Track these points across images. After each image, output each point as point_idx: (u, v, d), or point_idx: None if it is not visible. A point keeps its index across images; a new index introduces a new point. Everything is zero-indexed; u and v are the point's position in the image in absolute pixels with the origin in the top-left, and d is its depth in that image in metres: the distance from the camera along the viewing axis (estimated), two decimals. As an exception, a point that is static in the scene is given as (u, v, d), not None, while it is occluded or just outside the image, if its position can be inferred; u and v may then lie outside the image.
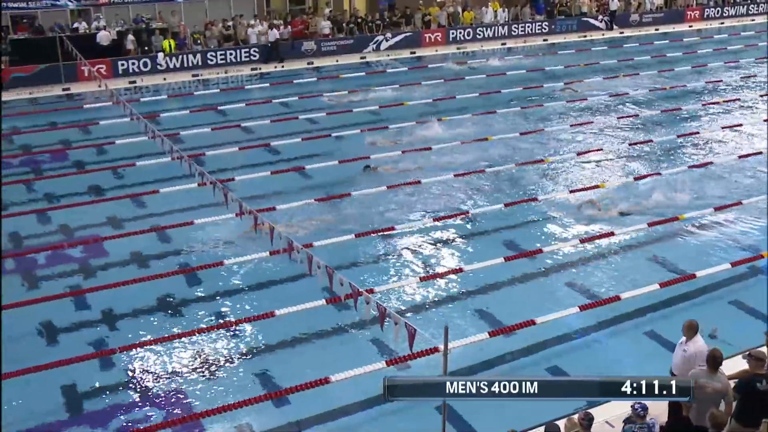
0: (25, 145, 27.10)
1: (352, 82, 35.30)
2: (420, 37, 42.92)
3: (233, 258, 17.89)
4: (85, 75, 34.17)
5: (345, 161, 24.14)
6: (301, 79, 36.10)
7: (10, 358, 13.90)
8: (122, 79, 35.21)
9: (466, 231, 19.58)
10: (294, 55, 39.41)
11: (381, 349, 14.50)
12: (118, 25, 37.72)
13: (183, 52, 37.49)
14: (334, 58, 39.93)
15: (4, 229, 19.71)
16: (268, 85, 35.45)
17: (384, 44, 41.87)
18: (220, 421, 12.64)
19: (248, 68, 37.99)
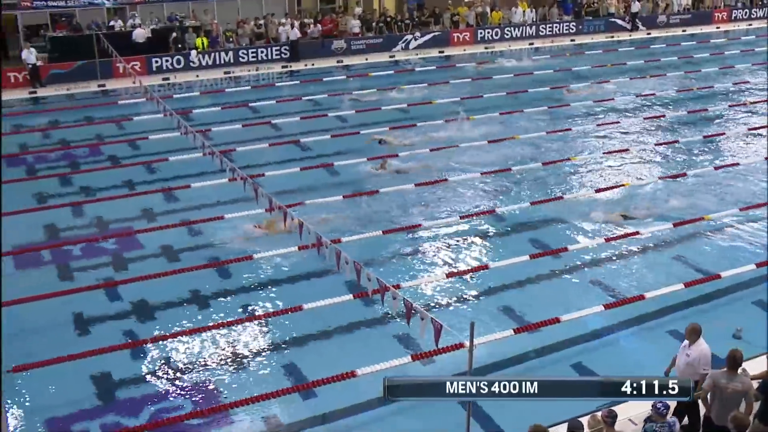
0: (62, 139, 27.32)
1: (380, 80, 35.24)
2: (448, 37, 42.77)
3: (262, 252, 17.87)
4: (120, 72, 34.38)
5: (373, 158, 24.08)
6: (330, 77, 36.09)
7: (44, 346, 14.17)
8: (156, 76, 35.36)
9: (492, 229, 19.47)
10: (324, 53, 39.42)
11: (406, 344, 14.44)
12: (152, 23, 37.93)
13: (215, 50, 37.64)
14: (364, 57, 39.90)
15: (42, 220, 19.99)
16: (298, 83, 35.48)
17: (413, 43, 41.77)
18: (248, 412, 12.65)
19: (279, 66, 38.04)
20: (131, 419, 12.63)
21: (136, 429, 12.32)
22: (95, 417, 12.72)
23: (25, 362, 13.56)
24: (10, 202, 20.55)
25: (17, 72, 33.77)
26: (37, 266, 17.80)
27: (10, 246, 18.21)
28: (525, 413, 9.94)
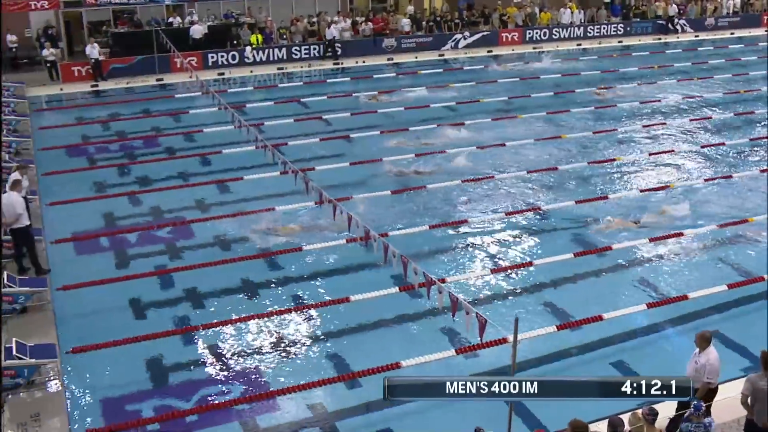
0: (121, 131, 27.65)
1: (429, 78, 35.12)
2: (497, 37, 42.47)
3: (312, 244, 17.93)
4: (178, 66, 34.66)
5: (421, 155, 24.01)
6: (380, 74, 36.06)
7: (101, 330, 14.37)
8: (212, 71, 35.64)
9: (537, 226, 19.30)
10: (374, 51, 39.40)
11: (451, 337, 14.39)
12: (209, 19, 38.24)
13: (269, 46, 37.81)
14: (413, 55, 39.77)
15: (102, 209, 20.23)
16: (349, 80, 35.51)
17: (462, 42, 41.57)
18: (295, 399, 12.71)
19: (330, 62, 38.09)
20: (181, 402, 12.77)
21: (185, 412, 12.46)
22: (148, 399, 12.85)
23: (84, 344, 13.79)
24: (72, 191, 21.07)
25: (81, 66, 34.26)
26: (96, 252, 18.03)
27: (70, 233, 18.53)
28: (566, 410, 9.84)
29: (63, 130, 27.44)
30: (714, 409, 10.84)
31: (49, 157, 23.89)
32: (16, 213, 15.90)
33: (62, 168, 23.02)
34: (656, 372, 11.30)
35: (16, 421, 11.68)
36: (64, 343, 13.86)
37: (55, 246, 17.79)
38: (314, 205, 19.21)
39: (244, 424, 12.25)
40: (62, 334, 14.18)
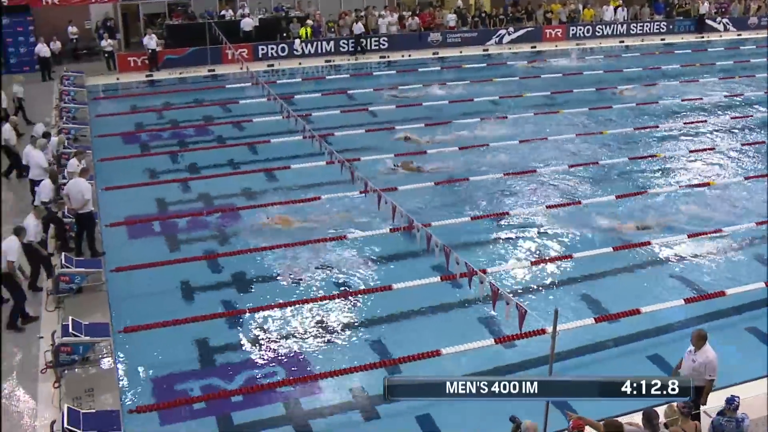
0: (173, 120, 27.91)
1: (474, 72, 34.90)
2: (541, 33, 42.08)
3: (356, 232, 17.97)
4: (229, 58, 34.82)
5: (465, 147, 23.89)
6: (425, 68, 35.91)
7: (152, 311, 14.51)
8: (262, 63, 35.77)
9: (577, 220, 19.04)
10: (420, 45, 39.27)
11: (490, 327, 14.32)
12: (260, 12, 38.40)
13: (318, 39, 37.86)
14: (458, 50, 39.56)
15: (154, 194, 20.43)
16: (395, 73, 35.42)
17: (506, 38, 41.27)
18: (336, 383, 12.74)
19: (377, 56, 38.03)
20: (227, 383, 12.86)
21: (231, 392, 12.56)
22: (194, 378, 12.97)
23: (135, 324, 13.97)
24: (126, 176, 21.30)
25: (136, 57, 34.63)
26: (148, 236, 18.23)
27: (123, 217, 18.74)
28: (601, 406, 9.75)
29: (119, 118, 27.78)
30: (746, 406, 10.59)
31: (106, 143, 24.17)
32: (84, 199, 16.13)
33: (117, 154, 23.29)
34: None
35: (71, 395, 11.85)
36: (117, 322, 14.05)
37: (110, 229, 18.02)
38: (359, 194, 19.21)
39: (287, 405, 12.32)
40: (115, 314, 14.37)
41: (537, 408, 9.56)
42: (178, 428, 11.81)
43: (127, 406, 11.89)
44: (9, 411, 11.78)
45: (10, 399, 12.07)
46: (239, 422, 11.93)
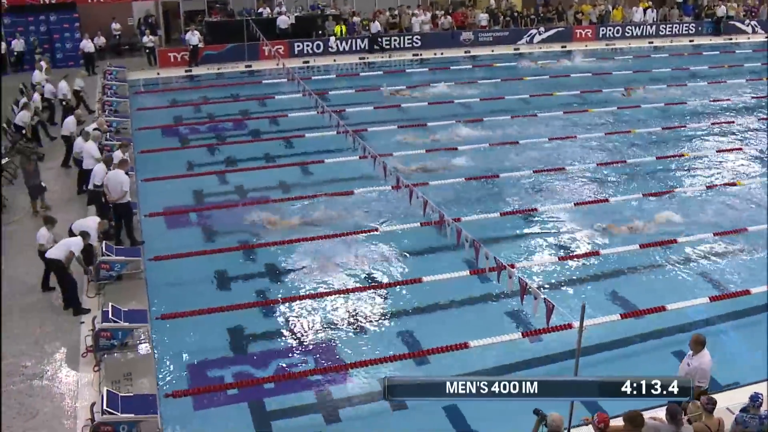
0: (211, 113, 28.08)
1: (505, 71, 34.72)
2: (571, 33, 41.78)
3: (387, 226, 17.98)
4: (266, 54, 34.99)
5: (495, 144, 23.81)
6: (457, 66, 35.78)
7: (188, 299, 14.62)
8: (297, 59, 35.86)
9: (605, 217, 18.88)
10: (453, 43, 39.15)
11: (517, 321, 14.28)
12: (296, 10, 38.50)
13: (352, 37, 37.89)
14: (490, 48, 39.39)
15: (192, 186, 20.57)
16: (427, 70, 35.35)
17: (537, 37, 41.02)
18: (366, 373, 12.74)
19: (410, 54, 37.97)
20: (259, 370, 12.93)
21: (263, 380, 12.62)
22: (229, 365, 13.06)
23: (172, 311, 14.08)
24: (165, 168, 21.48)
25: (176, 52, 34.95)
26: (186, 226, 18.37)
27: (162, 207, 18.89)
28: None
29: (158, 111, 28.01)
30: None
31: (146, 136, 24.37)
32: (123, 190, 16.27)
33: (157, 147, 23.49)
34: (715, 363, 11.12)
35: (110, 378, 11.98)
36: (155, 309, 14.17)
37: (149, 219, 18.16)
38: (391, 189, 19.21)
39: (317, 394, 12.34)
40: (153, 302, 14.49)
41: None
42: (211, 413, 11.89)
43: (163, 390, 11.99)
44: (52, 392, 11.94)
45: (53, 381, 12.22)
46: (271, 408, 11.98)
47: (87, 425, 10.70)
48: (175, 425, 11.38)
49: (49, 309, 14.26)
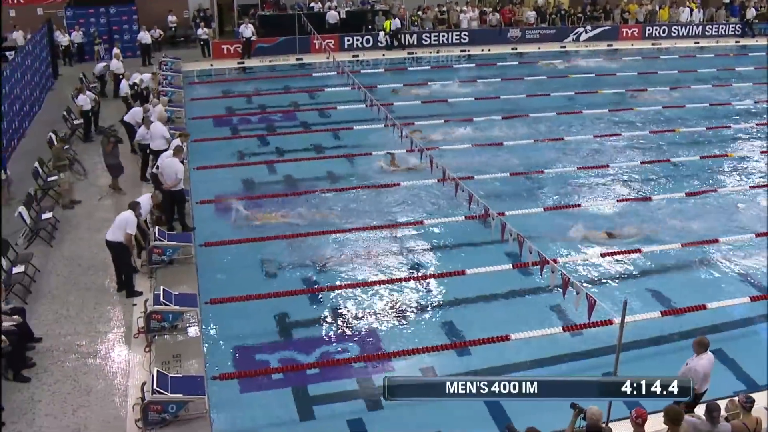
0: (262, 105, 28.24)
1: (550, 69, 34.34)
2: (617, 32, 41.13)
3: (433, 218, 17.93)
4: (316, 48, 35.05)
5: (540, 141, 23.59)
6: (504, 63, 35.47)
7: (236, 285, 14.74)
8: (347, 53, 35.84)
9: (647, 214, 18.62)
10: (500, 40, 38.82)
11: (559, 315, 14.14)
12: (347, 5, 38.50)
13: (401, 32, 37.74)
14: (536, 46, 38.95)
15: (241, 175, 20.73)
16: (474, 66, 35.11)
17: (583, 36, 40.45)
18: (407, 361, 12.73)
19: (458, 50, 37.72)
20: (304, 356, 12.99)
21: (307, 365, 12.69)
22: (274, 351, 13.14)
23: (221, 296, 14.20)
24: (216, 157, 21.63)
25: (229, 45, 35.20)
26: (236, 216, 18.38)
27: (213, 194, 19.04)
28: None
29: (211, 102, 28.22)
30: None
31: (198, 125, 24.54)
32: (177, 178, 16.42)
33: (209, 136, 23.67)
34: (749, 363, 10.91)
35: (160, 359, 12.12)
36: (204, 294, 14.29)
37: (200, 206, 18.32)
38: (437, 182, 19.14)
39: (359, 381, 12.35)
40: (202, 286, 14.61)
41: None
42: (256, 396, 11.99)
43: (210, 372, 12.08)
44: (104, 370, 12.13)
45: (106, 360, 12.41)
46: (314, 394, 12.03)
47: (137, 403, 10.84)
48: (221, 407, 11.49)
49: (104, 290, 14.48)
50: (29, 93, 24.82)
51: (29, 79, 25.07)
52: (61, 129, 22.44)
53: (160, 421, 10.65)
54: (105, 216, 17.43)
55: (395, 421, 11.06)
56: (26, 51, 25.66)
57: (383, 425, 11.02)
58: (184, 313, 13.01)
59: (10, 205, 17.57)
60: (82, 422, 10.92)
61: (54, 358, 12.37)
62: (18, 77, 23.37)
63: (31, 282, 14.42)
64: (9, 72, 22.27)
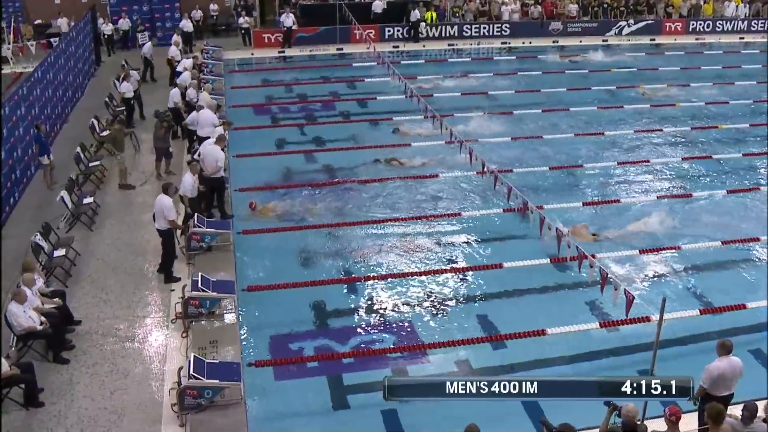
0: (302, 94, 28.26)
1: (591, 63, 33.87)
2: (661, 26, 40.51)
3: (471, 211, 17.83)
4: (357, 38, 35.07)
5: (580, 135, 23.31)
6: (545, 56, 35.09)
7: (273, 273, 14.81)
8: (387, 44, 35.71)
9: (687, 212, 18.30)
10: (541, 33, 38.45)
11: (595, 311, 13.99)
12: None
13: (442, 23, 37.60)
14: (578, 39, 38.46)
15: (280, 163, 20.77)
16: (515, 59, 34.81)
17: (626, 30, 39.88)
18: (443, 353, 12.70)
19: (498, 42, 37.43)
20: (339, 345, 12.99)
21: (342, 354, 12.70)
22: (309, 339, 13.16)
23: (258, 284, 14.26)
24: (257, 145, 21.69)
25: (270, 34, 35.32)
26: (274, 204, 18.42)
27: (253, 182, 19.10)
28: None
29: (251, 90, 28.35)
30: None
31: (238, 113, 24.61)
32: (217, 165, 16.48)
33: (249, 124, 23.74)
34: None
35: (197, 345, 12.19)
36: (241, 281, 14.36)
37: (239, 194, 18.39)
38: (476, 174, 19.02)
39: (394, 371, 12.28)
40: (240, 273, 14.67)
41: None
42: (291, 384, 12.03)
43: (246, 359, 12.14)
44: (142, 354, 12.25)
45: (143, 344, 12.53)
46: (348, 383, 12.03)
47: (174, 388, 10.93)
48: (256, 394, 11.54)
49: (142, 275, 14.63)
50: (72, 79, 25.14)
51: (72, 65, 25.38)
52: (103, 115, 22.65)
53: (195, 406, 10.72)
54: (145, 201, 17.62)
55: (429, 413, 10.97)
56: (70, 37, 25.97)
57: (417, 417, 10.95)
58: (222, 299, 13.06)
59: (53, 189, 17.83)
60: (119, 405, 11.04)
61: (93, 341, 12.52)
62: (62, 63, 23.67)
63: (71, 265, 14.60)
64: (53, 58, 22.55)
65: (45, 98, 20.99)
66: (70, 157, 19.06)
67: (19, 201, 17.63)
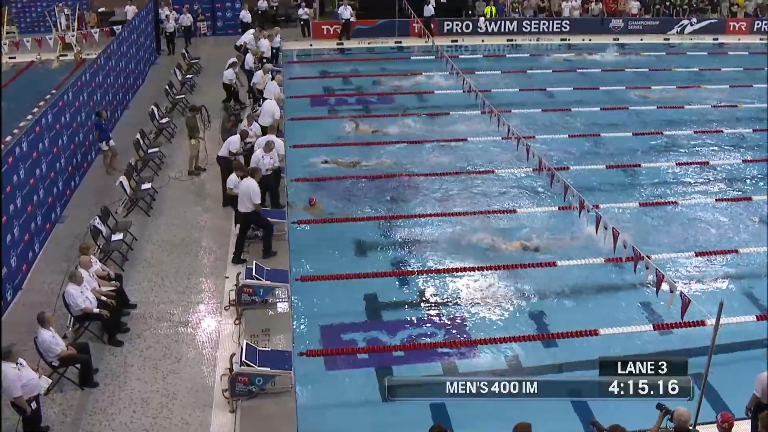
0: (359, 86, 28.25)
1: (653, 61, 33.20)
2: (724, 25, 39.47)
3: (525, 208, 17.68)
4: (416, 31, 34.91)
5: (639, 134, 22.87)
6: (604, 53, 34.47)
7: (327, 264, 14.88)
8: (446, 38, 35.43)
9: (745, 215, 17.84)
10: (602, 30, 37.83)
11: (649, 312, 13.75)
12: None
13: (501, 19, 37.24)
14: (639, 37, 37.70)
15: (336, 155, 20.70)
16: (574, 56, 34.30)
17: (688, 28, 38.95)
18: (494, 349, 12.62)
19: (558, 38, 36.93)
20: (390, 338, 13.00)
21: (393, 347, 12.69)
22: (360, 330, 13.19)
23: (311, 274, 14.33)
24: (313, 136, 21.68)
25: (329, 25, 35.39)
26: (329, 195, 18.43)
27: (307, 173, 19.18)
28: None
29: (309, 81, 28.42)
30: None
31: (296, 104, 24.70)
32: (279, 154, 16.61)
33: (306, 115, 23.82)
34: None
35: (249, 332, 12.31)
36: (295, 270, 14.43)
37: (293, 184, 18.44)
38: (533, 171, 18.81)
39: (444, 366, 12.26)
40: (294, 263, 14.74)
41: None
42: (340, 375, 12.08)
43: (297, 348, 12.20)
44: (195, 339, 12.39)
45: (197, 329, 12.67)
46: (398, 376, 11.99)
47: (225, 374, 11.01)
48: (306, 383, 11.60)
49: (197, 261, 14.78)
50: (134, 66, 25.51)
51: (134, 52, 25.77)
52: (163, 103, 22.96)
53: (246, 392, 10.81)
54: (202, 188, 17.82)
55: (478, 410, 10.90)
56: (133, 25, 26.35)
57: (466, 412, 10.88)
58: (275, 288, 13.14)
59: (112, 174, 18.13)
60: (171, 388, 11.17)
61: (147, 324, 12.69)
62: (124, 50, 24.04)
63: (128, 250, 14.84)
64: (116, 45, 22.91)
65: (107, 85, 21.34)
66: (130, 143, 19.36)
67: (80, 185, 17.98)
